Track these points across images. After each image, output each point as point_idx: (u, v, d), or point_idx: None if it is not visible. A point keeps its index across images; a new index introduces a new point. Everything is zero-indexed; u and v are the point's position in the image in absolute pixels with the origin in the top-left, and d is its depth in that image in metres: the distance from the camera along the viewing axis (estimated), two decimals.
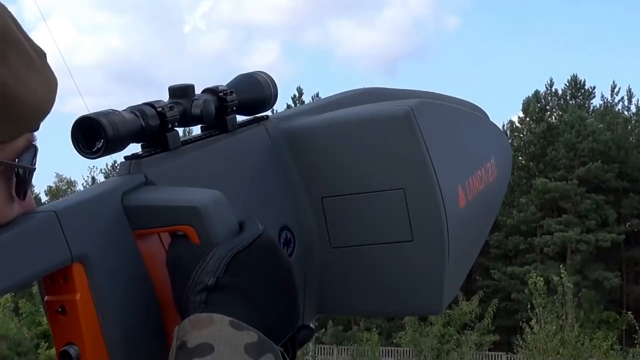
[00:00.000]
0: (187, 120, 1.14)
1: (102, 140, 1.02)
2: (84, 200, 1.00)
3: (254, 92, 1.25)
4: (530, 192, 46.02)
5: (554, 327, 22.99)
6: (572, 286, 24.70)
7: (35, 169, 0.98)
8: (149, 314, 1.02)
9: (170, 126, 1.10)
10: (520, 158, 48.40)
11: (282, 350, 0.96)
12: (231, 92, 1.20)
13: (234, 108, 1.21)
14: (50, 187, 58.54)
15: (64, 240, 0.95)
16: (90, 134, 1.02)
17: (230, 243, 0.99)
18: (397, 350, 29.13)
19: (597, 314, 38.40)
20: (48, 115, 0.99)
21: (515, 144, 48.98)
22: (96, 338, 0.97)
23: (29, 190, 0.99)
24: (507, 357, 30.15)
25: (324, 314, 1.30)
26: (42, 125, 0.99)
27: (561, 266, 27.20)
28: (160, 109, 1.09)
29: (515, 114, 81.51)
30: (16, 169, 0.96)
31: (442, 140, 1.27)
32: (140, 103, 1.09)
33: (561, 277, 24.16)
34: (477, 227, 1.40)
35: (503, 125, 51.17)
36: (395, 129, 1.21)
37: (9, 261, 0.91)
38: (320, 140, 1.24)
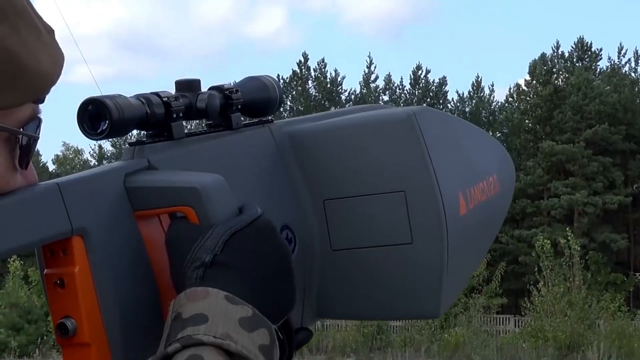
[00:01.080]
0: (192, 113, 1.16)
1: (107, 122, 1.04)
2: (86, 177, 1.02)
3: (259, 93, 1.27)
4: (537, 155, 45.90)
5: (562, 289, 23.03)
6: (579, 249, 24.70)
7: (38, 137, 0.99)
8: (146, 292, 1.03)
9: (175, 116, 1.12)
10: (527, 121, 48.26)
11: (276, 329, 0.96)
12: (236, 91, 1.22)
13: (239, 107, 1.23)
14: (57, 155, 58.71)
15: (65, 212, 0.97)
16: (96, 116, 1.04)
17: (228, 223, 1.00)
18: None
19: (605, 276, 38.45)
20: (53, 88, 1.00)
21: (522, 107, 48.83)
22: (93, 312, 0.98)
23: (31, 162, 1.00)
24: (515, 320, 30.26)
25: (323, 318, 1.31)
26: (49, 95, 1.00)
27: (568, 229, 27.18)
28: (166, 98, 1.11)
29: (522, 77, 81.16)
30: (20, 138, 0.97)
31: (444, 146, 1.28)
32: (147, 92, 1.11)
33: (568, 240, 24.15)
34: (478, 237, 1.40)
35: (509, 89, 50.98)
36: (397, 132, 1.23)
37: (10, 225, 0.92)
38: (324, 143, 1.26)
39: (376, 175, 1.23)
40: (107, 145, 52.87)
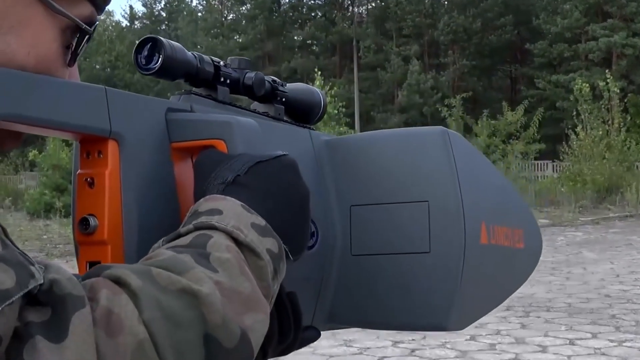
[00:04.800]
0: (238, 87, 1.23)
1: (159, 57, 1.12)
2: (132, 94, 1.07)
3: (304, 95, 1.35)
4: None
5: (600, 132, 23.03)
6: (618, 91, 24.51)
7: (92, 34, 1.02)
8: (168, 213, 1.08)
9: (222, 80, 1.20)
10: None
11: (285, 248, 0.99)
12: (283, 85, 1.30)
13: (283, 99, 1.31)
14: None
15: (107, 112, 1.02)
16: (151, 55, 1.13)
17: (256, 154, 1.05)
18: None
19: None
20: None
21: None
22: (115, 213, 1.03)
23: (76, 66, 1.03)
24: (553, 165, 30.34)
25: (334, 324, 1.32)
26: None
27: (607, 71, 26.93)
28: (217, 62, 1.20)
29: None
30: (75, 33, 0.99)
31: (473, 174, 1.30)
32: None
33: (607, 83, 23.97)
34: (494, 278, 1.37)
35: None
36: (428, 144, 1.27)
37: (55, 100, 0.95)
38: (358, 151, 1.30)
39: (403, 184, 1.26)
40: (137, 5, 52.59)
